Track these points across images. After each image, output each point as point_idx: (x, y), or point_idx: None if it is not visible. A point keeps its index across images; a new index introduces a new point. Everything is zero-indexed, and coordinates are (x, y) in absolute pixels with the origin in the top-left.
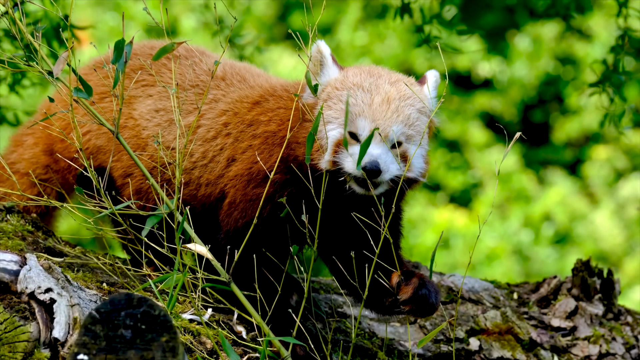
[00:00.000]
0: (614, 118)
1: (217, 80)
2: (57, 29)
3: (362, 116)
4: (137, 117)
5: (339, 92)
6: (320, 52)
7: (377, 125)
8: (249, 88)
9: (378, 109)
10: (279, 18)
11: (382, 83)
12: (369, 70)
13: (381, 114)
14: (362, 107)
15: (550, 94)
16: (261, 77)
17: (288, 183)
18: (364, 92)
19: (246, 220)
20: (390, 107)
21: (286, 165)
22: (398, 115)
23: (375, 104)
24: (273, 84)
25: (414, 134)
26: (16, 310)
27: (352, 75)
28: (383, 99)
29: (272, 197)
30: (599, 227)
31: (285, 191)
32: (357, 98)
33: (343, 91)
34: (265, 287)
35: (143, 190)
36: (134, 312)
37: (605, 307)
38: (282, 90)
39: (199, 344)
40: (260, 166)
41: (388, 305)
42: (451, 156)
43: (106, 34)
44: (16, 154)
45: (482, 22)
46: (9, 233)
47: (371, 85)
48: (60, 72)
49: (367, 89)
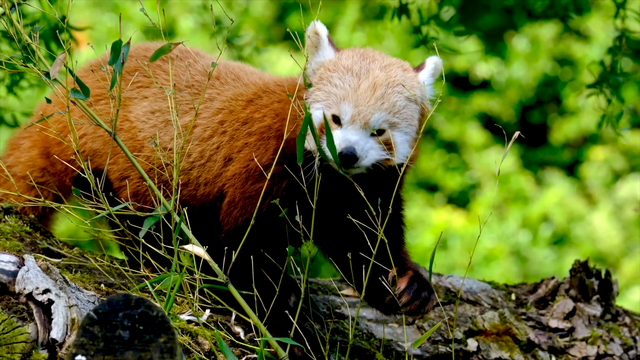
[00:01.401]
0: (611, 119)
1: (211, 80)
2: (55, 31)
3: (346, 100)
4: (133, 119)
5: (330, 73)
6: (317, 33)
7: (359, 111)
8: (243, 86)
9: (363, 94)
10: (276, 19)
11: (373, 67)
12: (363, 53)
13: (365, 100)
14: (348, 91)
15: (548, 95)
16: (254, 75)
17: (285, 174)
18: (352, 76)
19: (246, 217)
20: (375, 93)
21: (284, 158)
22: (382, 103)
23: (361, 89)
24: (266, 81)
25: (399, 121)
26: (14, 311)
27: (345, 58)
28: (369, 85)
29: (270, 191)
30: (596, 228)
31: (283, 183)
32: (345, 81)
33: (334, 73)
34: (263, 288)
35: (140, 193)
36: (132, 313)
37: (603, 308)
38: (275, 86)
39: (197, 345)
40: (257, 162)
41: (388, 302)
42: (449, 157)
43: (104, 35)
44: (13, 157)
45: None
46: (7, 234)
47: (361, 70)
48: (57, 73)
49: (356, 73)
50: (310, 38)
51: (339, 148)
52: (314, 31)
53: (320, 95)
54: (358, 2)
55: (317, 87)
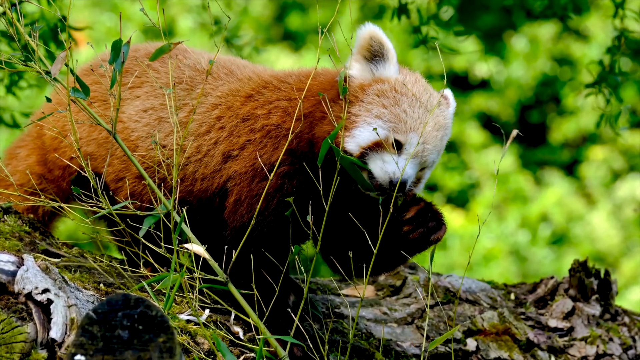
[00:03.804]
0: (610, 119)
1: (203, 75)
2: (55, 30)
3: (416, 132)
4: (126, 119)
5: (398, 95)
6: (382, 43)
7: (424, 148)
8: (238, 81)
9: (431, 133)
10: (276, 19)
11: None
12: (423, 83)
13: (431, 139)
14: (418, 123)
15: (547, 95)
16: (247, 69)
17: (297, 173)
18: (421, 109)
19: (253, 215)
20: (438, 134)
21: (294, 156)
22: (441, 144)
23: (430, 126)
24: (263, 76)
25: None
26: (13, 311)
27: (411, 83)
28: (436, 124)
29: (281, 189)
30: (596, 227)
31: (294, 181)
32: (415, 111)
33: (403, 97)
34: (263, 287)
35: (137, 193)
36: (131, 312)
37: (603, 308)
38: (278, 81)
39: (196, 345)
40: (264, 160)
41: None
42: (448, 157)
43: (103, 35)
44: (10, 166)
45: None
46: (6, 234)
47: (428, 104)
48: (58, 71)
49: (424, 106)
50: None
51: (394, 176)
52: (378, 40)
53: (386, 113)
54: (357, 1)
55: (381, 103)
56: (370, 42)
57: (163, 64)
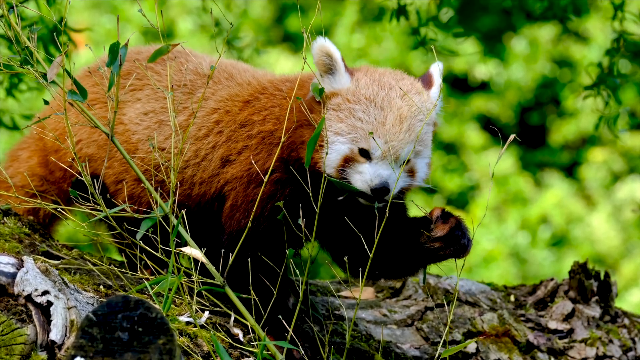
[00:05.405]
0: (609, 121)
1: (204, 79)
2: (54, 33)
3: (376, 134)
4: (127, 122)
5: (351, 105)
6: (330, 56)
7: (390, 147)
8: (238, 86)
9: (391, 129)
10: (275, 20)
11: (394, 97)
12: (379, 80)
13: (394, 135)
14: (375, 125)
15: (547, 97)
16: (248, 73)
17: (289, 181)
18: (377, 109)
19: (249, 220)
20: (402, 126)
21: (286, 164)
22: (410, 135)
23: (389, 123)
24: (262, 81)
25: (422, 149)
26: (13, 312)
27: (364, 87)
28: (396, 118)
29: (273, 195)
30: (595, 229)
31: (286, 189)
32: (370, 115)
33: (356, 105)
34: (262, 290)
35: (135, 195)
36: (131, 314)
37: (602, 310)
38: (274, 88)
39: (196, 347)
40: (259, 166)
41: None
42: (448, 159)
43: (103, 36)
44: (12, 168)
45: (479, 25)
46: (6, 235)
47: (384, 101)
48: (55, 75)
49: (379, 105)
50: (321, 59)
51: (372, 184)
52: (326, 53)
53: (343, 127)
54: (357, 3)
55: (338, 117)
56: (321, 56)
57: (165, 66)
